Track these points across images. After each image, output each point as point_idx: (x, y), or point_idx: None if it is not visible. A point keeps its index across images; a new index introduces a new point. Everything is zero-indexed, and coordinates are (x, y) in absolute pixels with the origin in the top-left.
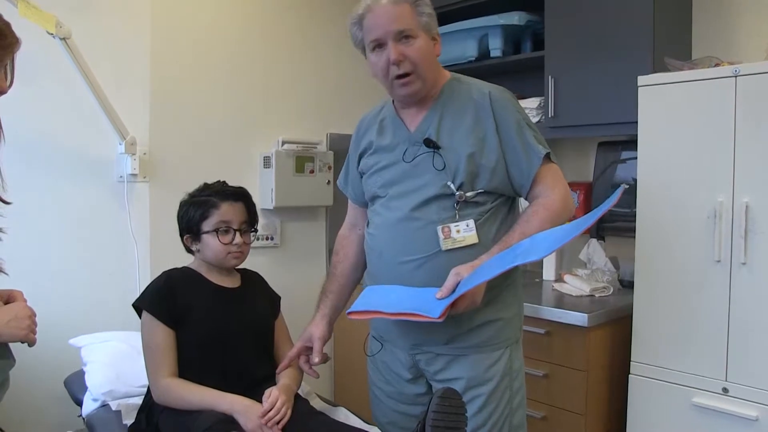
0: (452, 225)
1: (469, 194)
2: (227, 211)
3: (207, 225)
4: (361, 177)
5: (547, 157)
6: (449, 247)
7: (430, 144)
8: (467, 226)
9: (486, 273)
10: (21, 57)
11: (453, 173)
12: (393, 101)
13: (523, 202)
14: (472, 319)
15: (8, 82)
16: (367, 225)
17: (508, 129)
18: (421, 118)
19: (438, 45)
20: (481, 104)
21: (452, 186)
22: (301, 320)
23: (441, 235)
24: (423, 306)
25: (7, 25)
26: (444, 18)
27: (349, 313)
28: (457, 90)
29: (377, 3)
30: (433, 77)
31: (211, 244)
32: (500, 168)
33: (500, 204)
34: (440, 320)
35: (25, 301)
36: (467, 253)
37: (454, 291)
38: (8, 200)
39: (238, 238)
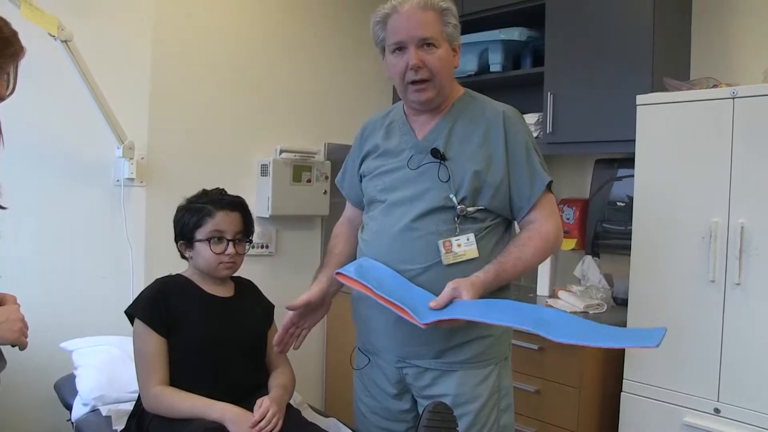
0: (453, 239)
1: (470, 209)
2: (222, 221)
3: (200, 233)
4: (361, 180)
5: (548, 186)
6: (450, 262)
7: (437, 154)
8: (468, 240)
9: (493, 316)
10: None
11: (457, 186)
12: (404, 107)
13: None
14: (463, 334)
15: (9, 90)
16: (361, 230)
17: (517, 151)
18: (430, 127)
19: (457, 57)
20: (493, 122)
21: (454, 199)
22: None
23: (442, 250)
24: (415, 307)
25: (14, 33)
26: None
27: (338, 273)
28: (471, 105)
29: (404, 4)
30: (448, 87)
31: (203, 252)
32: (503, 188)
33: (498, 223)
34: (422, 327)
35: (18, 305)
36: (467, 266)
37: (448, 304)
38: (4, 205)
39: (230, 249)
